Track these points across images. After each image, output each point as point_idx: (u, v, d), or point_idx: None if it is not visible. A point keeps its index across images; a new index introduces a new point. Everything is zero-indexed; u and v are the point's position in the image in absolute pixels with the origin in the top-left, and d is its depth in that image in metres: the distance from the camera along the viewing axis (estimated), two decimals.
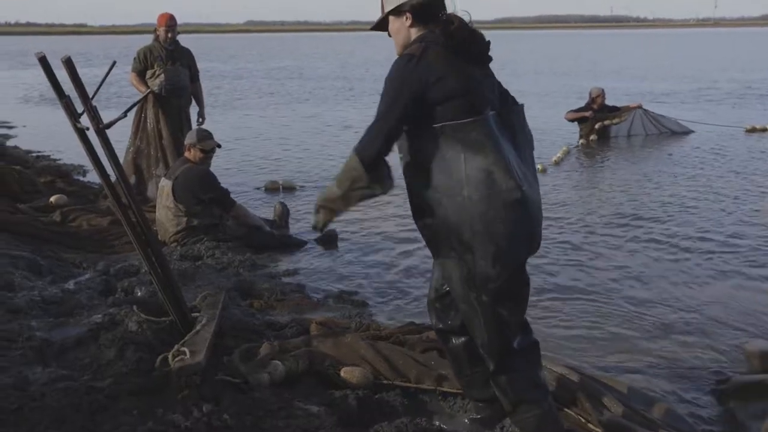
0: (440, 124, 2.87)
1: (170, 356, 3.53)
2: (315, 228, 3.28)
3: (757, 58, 40.46)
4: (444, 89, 2.89)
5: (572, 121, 13.04)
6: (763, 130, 13.63)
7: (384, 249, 6.60)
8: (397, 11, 3.07)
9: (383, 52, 40.06)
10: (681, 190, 8.95)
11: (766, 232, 6.97)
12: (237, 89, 24.52)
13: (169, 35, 8.21)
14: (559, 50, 54.99)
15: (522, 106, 3.15)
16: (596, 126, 12.74)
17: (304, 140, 13.22)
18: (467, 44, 2.99)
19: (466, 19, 3.01)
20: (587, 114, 12.86)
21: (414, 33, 3.06)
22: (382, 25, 3.19)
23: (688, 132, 13.53)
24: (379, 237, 6.96)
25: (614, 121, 12.91)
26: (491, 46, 3.05)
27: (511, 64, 36.29)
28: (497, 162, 2.84)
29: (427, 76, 2.89)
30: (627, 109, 13.23)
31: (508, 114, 3.03)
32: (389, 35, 3.18)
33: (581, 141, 12.60)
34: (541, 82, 25.67)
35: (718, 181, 9.35)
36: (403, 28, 3.08)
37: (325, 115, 17.29)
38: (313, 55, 54.60)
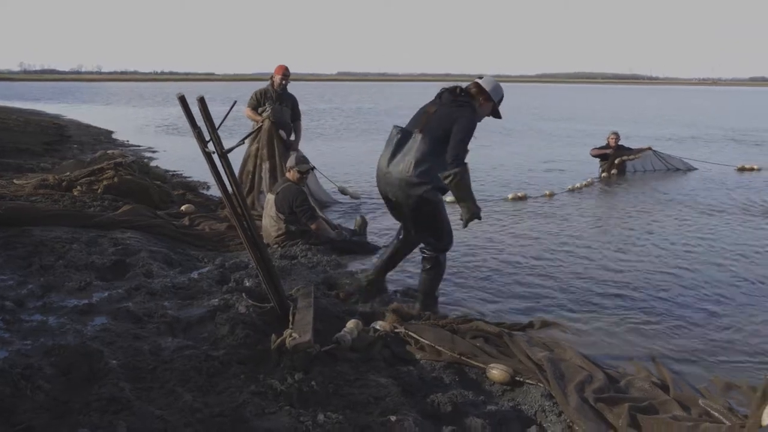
0: None
1: (287, 337, 3.49)
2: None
3: (747, 111, 39.18)
4: None
5: (596, 156, 12.81)
6: (751, 169, 13.24)
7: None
8: None
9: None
10: (684, 212, 8.71)
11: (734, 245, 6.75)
12: (327, 124, 24.70)
13: (283, 82, 8.39)
14: (588, 102, 53.96)
15: (412, 132, 4.47)
16: (616, 161, 12.50)
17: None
18: (440, 95, 4.57)
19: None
20: (608, 151, 12.64)
21: None
22: None
23: (691, 169, 13.15)
24: None
25: (630, 157, 12.65)
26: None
27: (547, 111, 35.90)
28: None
29: None
30: (640, 150, 12.96)
31: (404, 131, 4.52)
32: None
33: (603, 174, 12.33)
34: (575, 126, 25.27)
35: (716, 206, 9.07)
36: None
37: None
38: (392, 98, 54.50)
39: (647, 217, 8.47)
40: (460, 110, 4.40)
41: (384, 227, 7.58)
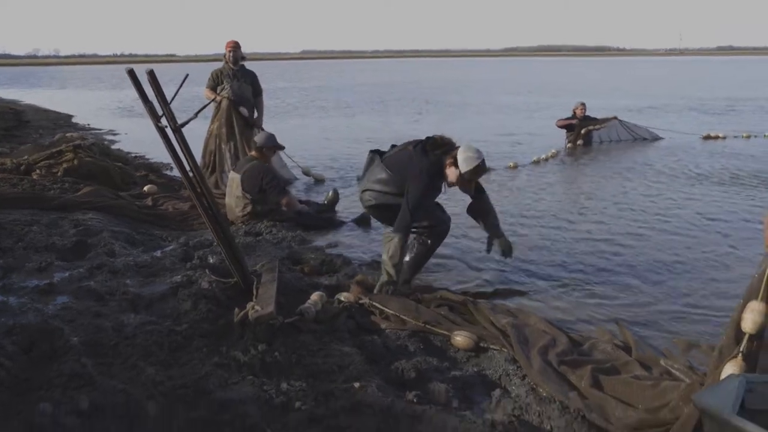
0: None
1: (249, 310, 3.50)
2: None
3: (713, 81, 39.67)
4: None
5: (561, 128, 12.87)
6: (716, 137, 13.41)
7: None
8: None
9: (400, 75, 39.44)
10: (649, 181, 8.86)
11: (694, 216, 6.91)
12: (285, 102, 24.54)
13: (232, 55, 8.45)
14: (554, 75, 54.20)
15: (379, 157, 4.67)
16: (582, 131, 12.59)
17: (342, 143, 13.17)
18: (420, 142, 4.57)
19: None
20: (574, 122, 12.70)
21: None
22: None
23: (657, 138, 13.33)
24: None
25: (596, 127, 12.75)
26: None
27: (515, 84, 36.03)
28: None
29: None
30: (605, 120, 13.07)
31: (373, 154, 4.75)
32: None
33: (569, 145, 12.43)
34: (540, 99, 25.40)
35: (681, 175, 9.25)
36: None
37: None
38: (359, 76, 54.09)
39: (612, 187, 8.60)
40: (419, 170, 4.36)
41: (350, 204, 7.59)
